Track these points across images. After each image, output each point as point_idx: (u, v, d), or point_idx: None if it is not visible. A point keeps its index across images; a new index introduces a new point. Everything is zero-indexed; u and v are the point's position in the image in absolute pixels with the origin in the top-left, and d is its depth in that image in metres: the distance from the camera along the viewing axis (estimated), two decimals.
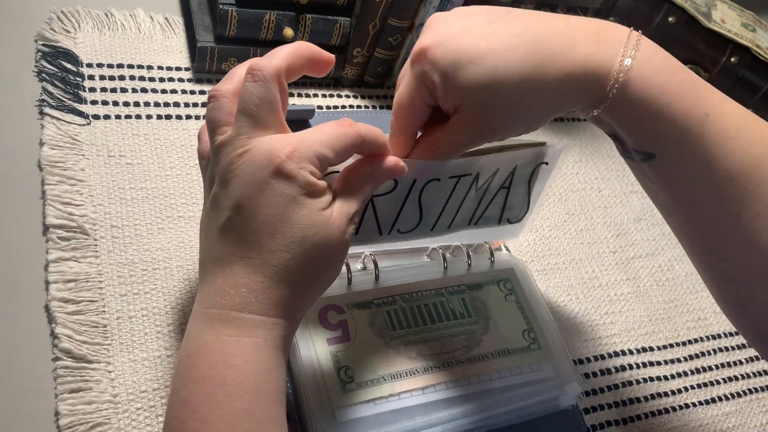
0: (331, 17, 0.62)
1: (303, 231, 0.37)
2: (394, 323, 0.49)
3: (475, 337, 0.50)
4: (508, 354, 0.50)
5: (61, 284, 0.46)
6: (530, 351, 0.51)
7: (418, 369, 0.48)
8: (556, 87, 0.39)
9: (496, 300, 0.53)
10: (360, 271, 0.52)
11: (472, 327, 0.51)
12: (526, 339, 0.52)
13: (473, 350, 0.50)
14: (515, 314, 0.53)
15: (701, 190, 0.42)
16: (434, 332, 0.50)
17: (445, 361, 0.49)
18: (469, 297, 0.52)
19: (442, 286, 0.52)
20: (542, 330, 0.53)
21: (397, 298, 0.50)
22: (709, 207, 0.42)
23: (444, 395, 0.47)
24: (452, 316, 0.51)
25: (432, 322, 0.50)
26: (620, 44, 0.40)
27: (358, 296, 0.50)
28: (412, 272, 0.53)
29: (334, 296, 0.49)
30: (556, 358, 0.52)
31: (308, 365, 0.46)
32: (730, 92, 0.46)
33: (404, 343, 0.48)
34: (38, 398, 0.42)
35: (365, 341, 0.48)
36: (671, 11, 0.80)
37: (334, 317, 0.48)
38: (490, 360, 0.50)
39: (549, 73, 0.39)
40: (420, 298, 0.51)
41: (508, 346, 0.51)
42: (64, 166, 0.51)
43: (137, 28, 0.62)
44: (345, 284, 0.50)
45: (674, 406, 0.59)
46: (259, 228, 0.36)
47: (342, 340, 0.47)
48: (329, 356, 0.46)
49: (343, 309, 0.49)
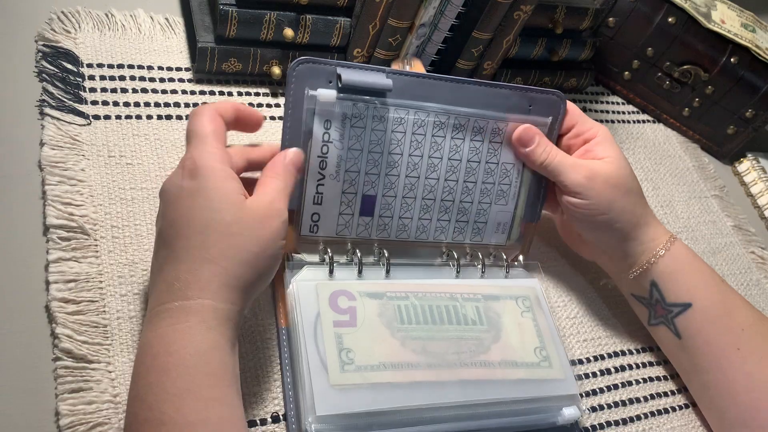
0: (331, 17, 0.62)
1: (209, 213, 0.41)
2: (403, 317, 0.49)
3: (484, 344, 0.50)
4: (515, 366, 0.50)
5: (61, 284, 0.46)
6: (540, 368, 0.51)
7: (421, 363, 0.48)
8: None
9: (512, 314, 0.53)
10: (372, 264, 0.52)
11: (482, 334, 0.51)
12: (537, 356, 0.52)
13: (480, 356, 0.50)
14: (530, 331, 0.53)
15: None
16: (443, 333, 0.50)
17: (450, 362, 0.49)
18: (484, 307, 0.52)
19: (456, 291, 0.52)
20: (554, 351, 0.52)
21: (410, 295, 0.50)
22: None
23: (444, 394, 0.47)
24: (464, 321, 0.51)
25: (442, 323, 0.50)
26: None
27: (372, 286, 0.50)
28: (422, 272, 0.53)
29: (346, 283, 0.50)
30: (564, 381, 0.51)
31: (310, 342, 0.46)
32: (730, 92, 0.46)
33: (411, 338, 0.48)
34: (38, 398, 0.42)
35: (372, 329, 0.48)
36: (671, 12, 0.80)
37: (345, 302, 0.48)
38: (496, 368, 0.50)
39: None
40: (433, 299, 0.51)
41: (517, 359, 0.51)
42: (64, 166, 0.51)
43: (137, 29, 0.62)
44: (355, 273, 0.51)
45: (674, 406, 0.59)
46: (172, 224, 0.41)
47: (348, 325, 0.47)
48: (333, 337, 0.46)
49: (355, 296, 0.49)
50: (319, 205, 0.51)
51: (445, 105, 0.53)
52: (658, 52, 0.81)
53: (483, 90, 0.54)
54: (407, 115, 0.52)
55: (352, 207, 0.52)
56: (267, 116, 0.62)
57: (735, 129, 0.83)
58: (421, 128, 0.52)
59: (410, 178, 0.53)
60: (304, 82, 0.48)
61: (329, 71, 0.49)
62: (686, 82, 0.82)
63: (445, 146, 0.53)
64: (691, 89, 0.82)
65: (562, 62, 0.77)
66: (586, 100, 0.83)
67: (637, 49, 0.82)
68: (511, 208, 0.57)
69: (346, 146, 0.50)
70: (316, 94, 0.48)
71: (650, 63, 0.82)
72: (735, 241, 0.76)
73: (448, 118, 0.53)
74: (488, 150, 0.55)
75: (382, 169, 0.52)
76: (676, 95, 0.83)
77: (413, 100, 0.52)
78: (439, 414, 0.47)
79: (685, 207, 0.77)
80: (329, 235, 0.52)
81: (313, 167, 0.50)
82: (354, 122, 0.50)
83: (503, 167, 0.56)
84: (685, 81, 0.82)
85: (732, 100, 0.81)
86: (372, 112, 0.51)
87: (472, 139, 0.54)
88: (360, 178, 0.51)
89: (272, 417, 0.46)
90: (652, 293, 0.57)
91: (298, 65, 0.48)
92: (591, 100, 0.84)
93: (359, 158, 0.51)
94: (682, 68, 0.81)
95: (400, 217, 0.53)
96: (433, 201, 0.54)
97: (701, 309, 0.55)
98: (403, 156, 0.52)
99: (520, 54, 0.72)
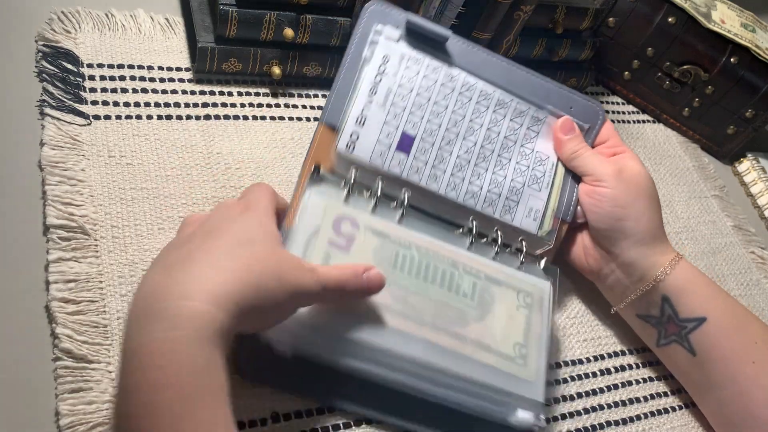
0: (331, 17, 0.62)
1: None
2: (397, 263, 0.49)
3: (465, 318, 0.49)
4: (488, 350, 0.49)
5: (61, 284, 0.46)
6: (512, 362, 0.49)
7: (396, 310, 0.47)
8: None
9: (507, 304, 0.52)
10: (388, 206, 0.52)
11: (467, 309, 0.50)
12: (514, 351, 0.50)
13: (457, 327, 0.49)
14: (518, 326, 0.51)
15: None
16: (430, 292, 0.49)
17: (424, 321, 0.48)
18: (482, 285, 0.51)
19: (461, 260, 0.52)
20: (535, 354, 0.51)
21: (413, 246, 0.50)
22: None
23: (406, 346, 0.47)
24: (455, 290, 0.50)
25: (433, 283, 0.50)
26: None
27: (379, 224, 0.50)
28: (436, 230, 0.53)
29: (357, 212, 0.50)
30: (531, 384, 0.49)
31: (299, 249, 0.47)
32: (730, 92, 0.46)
33: (397, 285, 0.48)
34: (38, 398, 0.42)
35: (361, 260, 0.48)
36: (671, 12, 0.80)
37: (347, 228, 0.49)
38: (468, 345, 0.49)
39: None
40: (434, 258, 0.51)
41: (492, 345, 0.50)
42: (64, 166, 0.51)
43: (137, 29, 0.62)
44: (370, 207, 0.51)
45: (674, 406, 0.59)
46: (209, 231, 0.41)
47: (341, 248, 0.48)
48: (322, 252, 0.47)
49: (359, 226, 0.49)
50: (361, 127, 0.52)
51: (493, 81, 0.56)
52: (658, 52, 0.81)
53: (531, 79, 0.57)
54: (459, 74, 0.55)
55: (391, 138, 0.53)
56: (267, 116, 0.62)
57: (735, 129, 0.83)
58: (468, 91, 0.55)
59: (450, 132, 0.54)
60: (374, 18, 0.54)
61: (398, 17, 0.55)
62: (686, 82, 0.82)
63: (486, 116, 0.55)
64: (691, 89, 0.82)
65: (562, 62, 0.77)
66: None
67: (637, 49, 0.82)
68: (544, 196, 0.57)
69: (397, 82, 0.54)
70: (382, 29, 0.54)
71: (650, 63, 0.82)
72: (735, 241, 0.76)
73: (494, 91, 0.56)
74: (525, 135, 0.57)
75: (425, 114, 0.54)
76: (676, 95, 0.83)
77: (465, 68, 0.55)
78: (395, 363, 0.46)
79: (685, 207, 0.77)
80: (364, 158, 0.52)
81: (363, 91, 0.53)
82: (409, 63, 0.54)
83: (538, 155, 0.57)
84: (685, 81, 0.82)
85: (732, 100, 0.81)
86: (428, 60, 0.55)
87: (512, 119, 0.56)
88: (404, 114, 0.54)
89: (272, 417, 0.46)
90: (663, 310, 0.56)
91: (371, 5, 0.54)
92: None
93: (407, 97, 0.54)
94: (682, 68, 0.81)
95: (434, 166, 0.54)
96: (468, 162, 0.55)
97: (715, 323, 0.54)
98: (448, 110, 0.54)
99: (520, 54, 0.72)
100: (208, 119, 0.59)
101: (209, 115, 0.60)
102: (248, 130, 0.60)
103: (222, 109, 0.61)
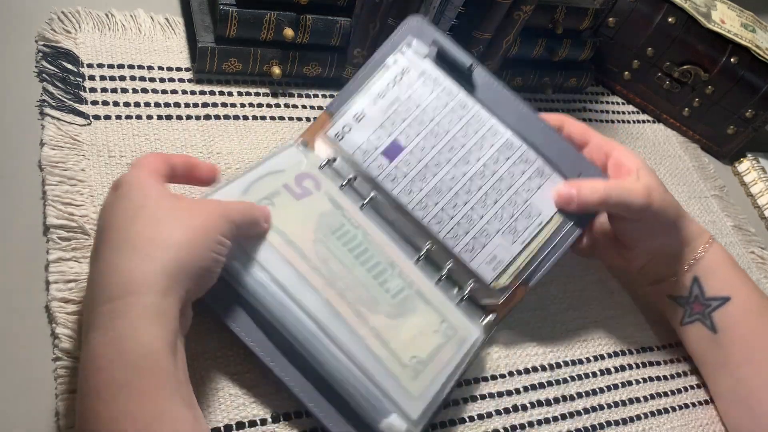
0: (331, 17, 0.62)
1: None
2: (337, 232, 0.50)
3: (377, 307, 0.48)
4: (384, 345, 0.47)
5: (61, 284, 0.46)
6: (402, 368, 0.47)
7: (315, 266, 0.47)
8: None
9: (426, 322, 0.49)
10: (356, 197, 0.53)
11: (383, 302, 0.49)
12: (410, 360, 0.47)
13: (364, 309, 0.47)
14: (426, 344, 0.48)
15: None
16: (354, 270, 0.49)
17: (336, 287, 0.47)
18: (408, 294, 0.50)
19: (400, 266, 0.51)
20: (429, 378, 0.47)
21: (361, 229, 0.51)
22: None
23: (309, 299, 0.46)
24: (380, 282, 0.49)
25: (363, 266, 0.49)
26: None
27: (340, 198, 0.52)
28: (391, 240, 0.52)
29: (324, 178, 0.52)
30: (412, 398, 0.46)
31: (253, 177, 0.49)
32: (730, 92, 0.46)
33: (326, 246, 0.49)
34: (38, 398, 0.42)
35: (305, 212, 0.50)
36: (671, 12, 0.80)
37: (309, 184, 0.51)
38: (366, 329, 0.47)
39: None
40: (376, 250, 0.50)
41: (392, 343, 0.47)
42: (64, 166, 0.51)
43: (137, 29, 0.62)
44: (339, 184, 0.53)
45: (674, 406, 0.59)
46: (99, 232, 0.40)
47: (292, 194, 0.50)
48: (272, 187, 0.49)
49: (320, 188, 0.51)
50: (357, 122, 0.54)
51: (508, 122, 0.55)
52: (658, 52, 0.81)
53: (549, 133, 0.55)
54: (474, 106, 0.55)
55: (380, 141, 0.54)
56: (267, 116, 0.62)
57: (735, 129, 0.83)
58: (476, 123, 0.55)
59: (441, 156, 0.54)
60: (409, 31, 0.56)
61: (431, 35, 0.56)
62: (686, 82, 0.82)
63: (487, 152, 0.54)
64: (691, 89, 0.82)
65: (562, 62, 0.77)
66: (586, 100, 0.83)
67: (637, 49, 0.82)
68: (515, 251, 0.53)
69: (408, 94, 0.55)
70: (412, 42, 0.55)
71: (650, 63, 0.82)
72: (735, 241, 0.76)
73: (506, 131, 0.55)
74: (524, 184, 0.54)
75: (423, 131, 0.54)
76: (676, 95, 0.83)
77: (484, 102, 0.55)
78: (289, 305, 0.46)
79: (685, 207, 0.76)
80: (347, 151, 0.54)
81: (372, 92, 0.54)
82: (426, 81, 0.55)
83: (529, 208, 0.54)
84: (685, 81, 0.82)
85: (732, 100, 0.81)
86: (447, 83, 0.55)
87: (514, 164, 0.54)
88: (402, 124, 0.54)
89: (272, 417, 0.46)
90: (692, 290, 0.58)
91: (413, 19, 0.56)
92: (591, 100, 0.84)
93: (412, 110, 0.54)
94: (682, 68, 0.81)
95: (412, 180, 0.53)
96: (449, 190, 0.54)
97: (739, 303, 0.57)
98: (448, 134, 0.54)
99: (520, 54, 0.72)
100: (208, 119, 0.59)
101: (209, 115, 0.60)
102: (248, 130, 0.60)
103: (222, 109, 0.61)
